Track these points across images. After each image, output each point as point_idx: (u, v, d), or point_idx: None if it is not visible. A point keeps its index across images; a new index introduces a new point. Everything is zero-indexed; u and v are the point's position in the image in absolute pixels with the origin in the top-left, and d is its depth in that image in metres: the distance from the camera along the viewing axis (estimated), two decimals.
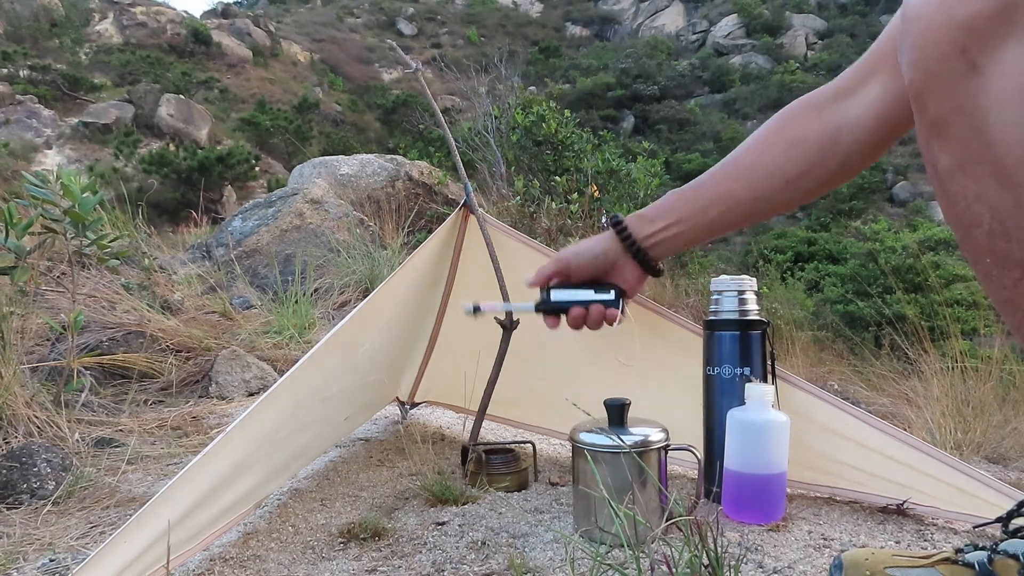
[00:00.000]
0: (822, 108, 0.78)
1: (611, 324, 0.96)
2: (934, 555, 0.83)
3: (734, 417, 1.20)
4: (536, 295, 1.00)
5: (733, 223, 0.86)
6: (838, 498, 1.33)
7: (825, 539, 1.13)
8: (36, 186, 1.84)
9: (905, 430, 1.48)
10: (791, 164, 0.79)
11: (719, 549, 0.85)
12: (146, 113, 20.56)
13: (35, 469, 1.39)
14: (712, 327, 1.32)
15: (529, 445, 1.54)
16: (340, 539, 1.17)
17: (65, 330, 2.00)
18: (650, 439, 1.11)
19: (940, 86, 0.53)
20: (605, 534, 1.08)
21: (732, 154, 0.86)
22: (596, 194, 5.93)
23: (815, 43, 35.68)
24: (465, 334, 1.74)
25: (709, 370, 1.31)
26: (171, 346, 2.38)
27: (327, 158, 6.00)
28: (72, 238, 1.93)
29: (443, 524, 1.22)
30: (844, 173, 0.79)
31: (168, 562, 0.90)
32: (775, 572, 1.00)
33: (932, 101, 0.54)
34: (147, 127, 20.21)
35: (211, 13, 33.60)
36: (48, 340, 2.26)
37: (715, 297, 1.34)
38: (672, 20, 40.68)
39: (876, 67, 0.74)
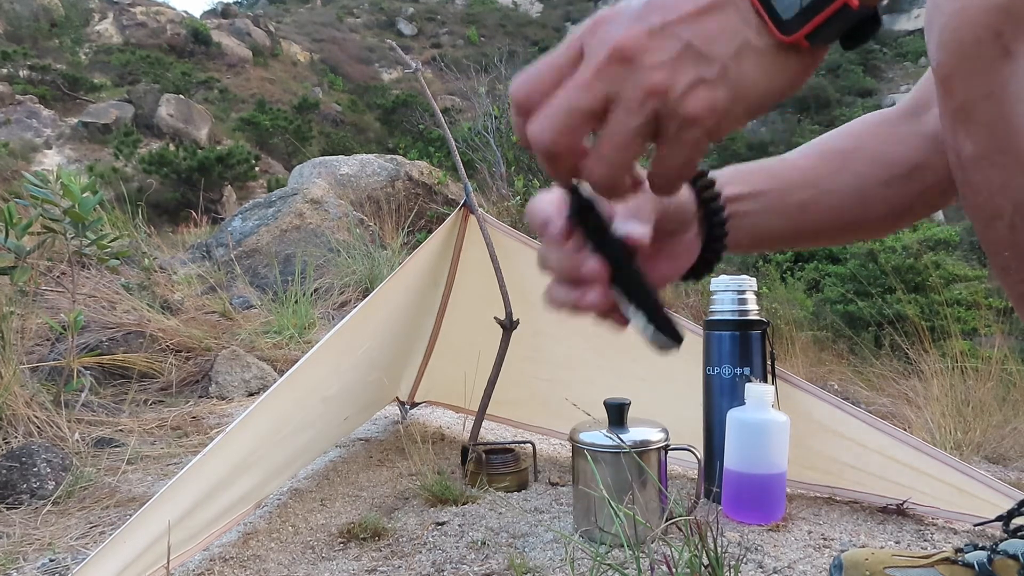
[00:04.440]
0: (892, 124, 0.65)
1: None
2: (934, 555, 0.83)
3: (734, 417, 1.20)
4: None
5: (816, 223, 0.63)
6: (838, 498, 1.33)
7: (825, 539, 1.13)
8: (36, 186, 1.84)
9: (905, 430, 1.48)
10: (897, 155, 0.62)
11: (719, 549, 0.85)
12: (146, 113, 20.55)
13: (35, 469, 1.39)
14: (712, 327, 1.32)
15: (529, 445, 1.54)
16: (340, 539, 1.17)
17: (65, 330, 2.00)
18: (650, 439, 1.11)
19: (970, 70, 0.50)
20: (605, 534, 1.08)
21: (810, 143, 0.66)
22: None
23: None
24: (465, 334, 1.74)
25: (709, 370, 1.31)
26: (171, 346, 2.38)
27: (327, 158, 6.00)
28: (72, 238, 1.93)
29: (443, 524, 1.22)
30: (946, 189, 0.63)
31: (168, 562, 0.90)
32: (775, 572, 1.00)
33: (960, 85, 0.51)
34: (147, 127, 20.21)
35: (211, 13, 33.61)
36: (48, 340, 2.26)
37: (715, 297, 1.34)
38: None
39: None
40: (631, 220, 0.46)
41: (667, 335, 0.44)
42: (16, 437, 1.58)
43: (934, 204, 0.65)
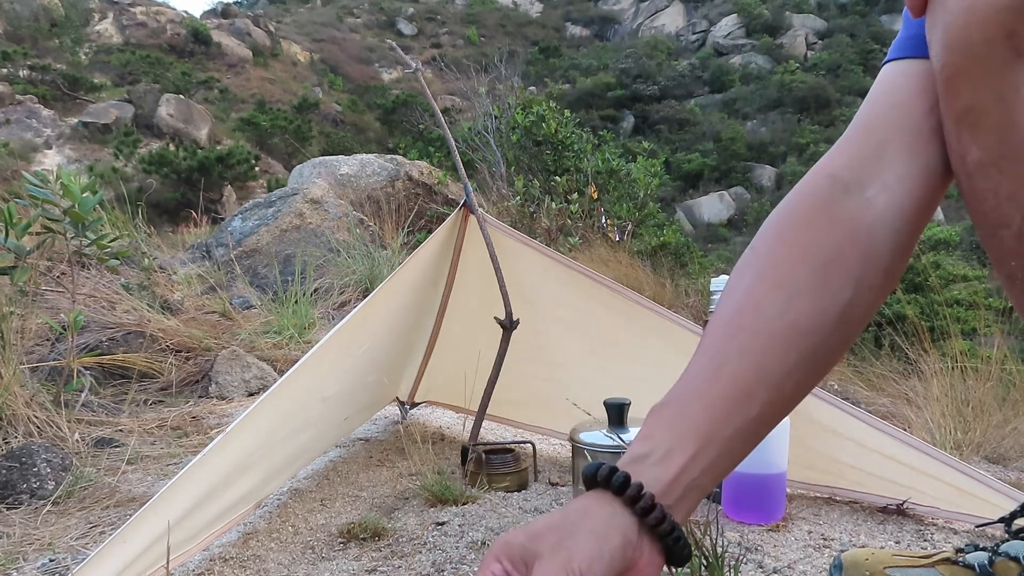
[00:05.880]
0: (830, 211, 0.56)
1: None
2: (934, 555, 0.83)
3: None
4: None
5: (778, 415, 0.56)
6: (838, 498, 1.33)
7: (825, 539, 1.13)
8: (36, 186, 1.84)
9: (905, 430, 1.48)
10: (835, 295, 0.54)
11: (719, 549, 0.85)
12: (146, 113, 20.57)
13: (35, 469, 1.39)
14: None
15: (529, 445, 1.54)
16: (340, 539, 1.17)
17: (65, 330, 2.00)
18: None
19: (980, 71, 0.48)
20: None
21: (733, 311, 0.57)
22: (595, 195, 5.93)
23: (815, 43, 35.71)
24: (465, 334, 1.74)
25: None
26: (171, 346, 2.38)
27: (327, 158, 6.01)
28: (72, 238, 1.93)
29: (443, 524, 1.22)
30: (889, 280, 0.57)
31: (168, 562, 0.90)
32: (775, 572, 1.00)
33: (968, 87, 0.49)
34: (147, 127, 20.22)
35: (211, 13, 33.62)
36: (48, 340, 2.26)
37: (715, 297, 1.34)
38: (672, 20, 40.72)
39: (884, 143, 0.57)
40: None
41: None
42: (16, 437, 1.58)
43: (898, 269, 0.58)
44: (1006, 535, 0.81)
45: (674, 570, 0.83)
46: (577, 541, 0.47)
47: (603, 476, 0.50)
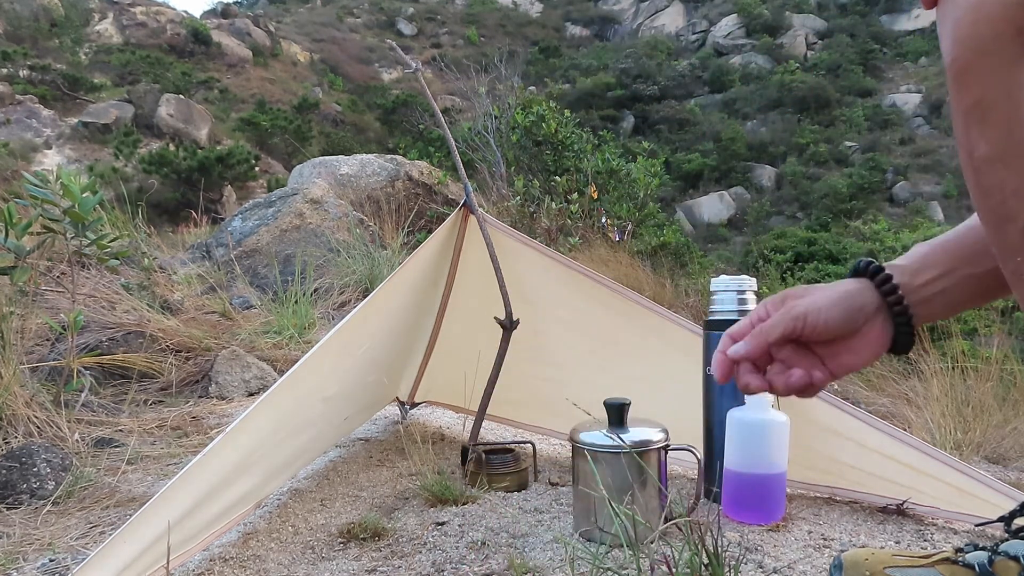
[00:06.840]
0: None
1: None
2: (934, 555, 0.83)
3: (734, 417, 1.20)
4: None
5: (1000, 286, 0.66)
6: (838, 498, 1.33)
7: (825, 539, 1.13)
8: (36, 186, 1.84)
9: (905, 430, 1.48)
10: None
11: (719, 549, 0.85)
12: (146, 113, 20.57)
13: (35, 469, 1.39)
14: (712, 327, 1.32)
15: (529, 445, 1.54)
16: (340, 539, 1.17)
17: (65, 330, 2.00)
18: (650, 439, 1.11)
19: (988, 67, 0.48)
20: (605, 534, 1.08)
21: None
22: (595, 195, 5.93)
23: (815, 43, 35.70)
24: (465, 334, 1.74)
25: (709, 370, 1.31)
26: (171, 346, 2.38)
27: (327, 158, 6.00)
28: (72, 238, 1.93)
29: (443, 524, 1.22)
30: None
31: (168, 562, 0.90)
32: (775, 572, 1.00)
33: (976, 82, 0.50)
34: (147, 127, 20.22)
35: (211, 13, 33.61)
36: (48, 340, 2.26)
37: (715, 297, 1.34)
38: (672, 20, 40.70)
39: None
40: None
41: None
42: (16, 437, 1.58)
43: None
44: (1006, 535, 0.81)
45: (674, 571, 0.84)
46: (819, 293, 0.65)
47: (861, 266, 0.68)
